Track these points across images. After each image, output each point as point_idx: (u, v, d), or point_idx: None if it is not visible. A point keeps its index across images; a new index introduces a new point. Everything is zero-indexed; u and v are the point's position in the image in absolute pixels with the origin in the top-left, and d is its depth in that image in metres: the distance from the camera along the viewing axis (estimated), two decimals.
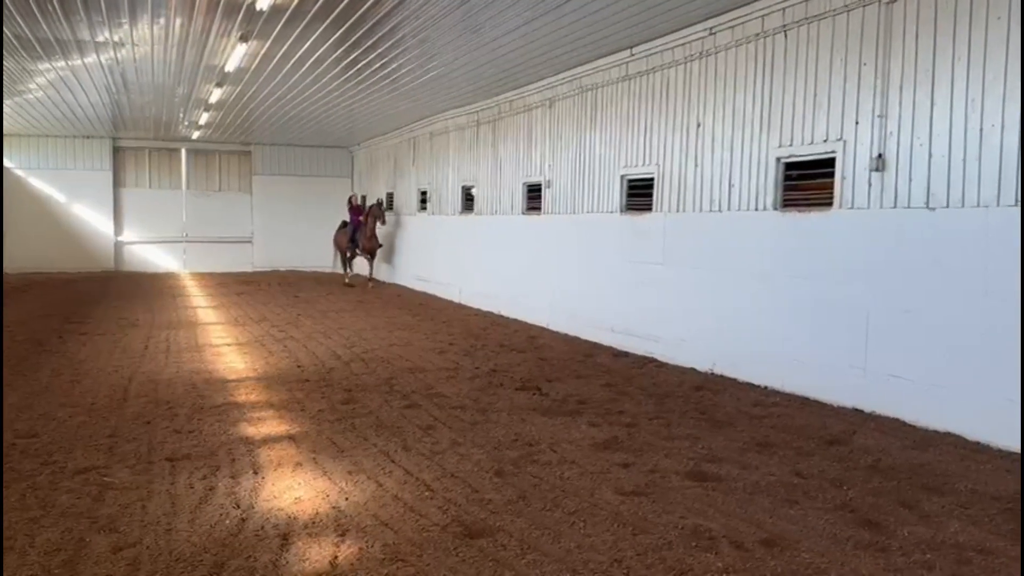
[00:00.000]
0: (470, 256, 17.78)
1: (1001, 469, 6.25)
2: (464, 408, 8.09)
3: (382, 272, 24.02)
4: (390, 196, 23.88)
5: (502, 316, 15.68)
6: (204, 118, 20.35)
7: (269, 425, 7.32)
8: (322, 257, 27.33)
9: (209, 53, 12.72)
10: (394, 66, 13.29)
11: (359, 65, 13.27)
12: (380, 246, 22.08)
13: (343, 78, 14.49)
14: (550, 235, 14.23)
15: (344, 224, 23.19)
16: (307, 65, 13.41)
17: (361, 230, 21.84)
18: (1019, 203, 6.67)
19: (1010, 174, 6.74)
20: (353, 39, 11.45)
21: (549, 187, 14.26)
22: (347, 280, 22.79)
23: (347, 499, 5.40)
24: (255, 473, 5.93)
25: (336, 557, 4.46)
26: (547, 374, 9.95)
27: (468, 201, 18.20)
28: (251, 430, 7.13)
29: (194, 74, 14.55)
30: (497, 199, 16.50)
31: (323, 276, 25.72)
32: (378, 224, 21.59)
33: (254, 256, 27.55)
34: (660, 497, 5.55)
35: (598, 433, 7.22)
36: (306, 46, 12.03)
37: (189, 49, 12.48)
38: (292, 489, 5.58)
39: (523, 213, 15.35)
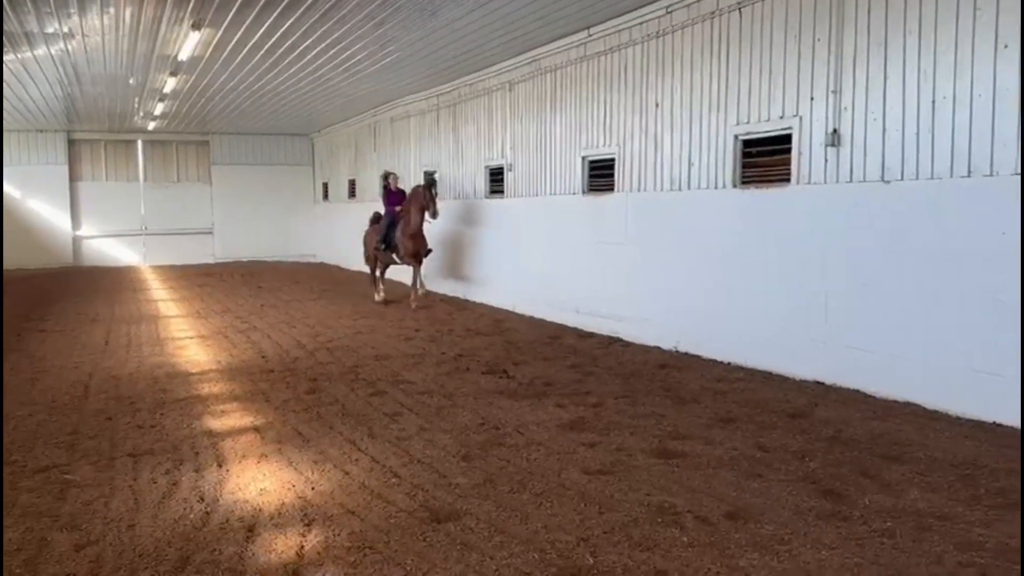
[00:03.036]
0: (432, 242, 17.67)
1: (959, 436, 6.37)
2: (430, 394, 8.08)
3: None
4: (352, 183, 23.68)
5: (468, 301, 15.67)
6: (159, 108, 20.02)
7: (233, 417, 7.27)
8: (284, 247, 27.12)
9: (162, 42, 12.50)
10: (351, 51, 13.16)
11: (315, 51, 13.12)
12: (430, 250, 14.89)
13: (300, 64, 14.31)
14: (513, 218, 14.21)
15: (377, 217, 16.09)
16: (262, 52, 13.23)
17: (400, 225, 14.71)
18: (970, 174, 6.78)
19: (962, 146, 6.84)
20: (308, 24, 11.31)
21: (511, 170, 14.24)
22: (379, 297, 15.70)
23: (313, 489, 5.38)
24: (219, 466, 5.88)
25: (302, 547, 4.45)
26: (513, 357, 9.97)
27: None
28: (215, 423, 7.06)
29: (147, 64, 14.30)
30: (460, 183, 16.45)
31: (285, 266, 25.50)
32: (427, 216, 14.32)
33: (215, 247, 27.23)
34: (626, 475, 5.60)
35: (564, 414, 7.25)
36: (260, 33, 11.86)
37: (141, 38, 12.26)
38: (257, 481, 5.55)
39: (486, 197, 15.31)
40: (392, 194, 15.54)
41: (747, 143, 9.19)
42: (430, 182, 14.87)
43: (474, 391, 8.17)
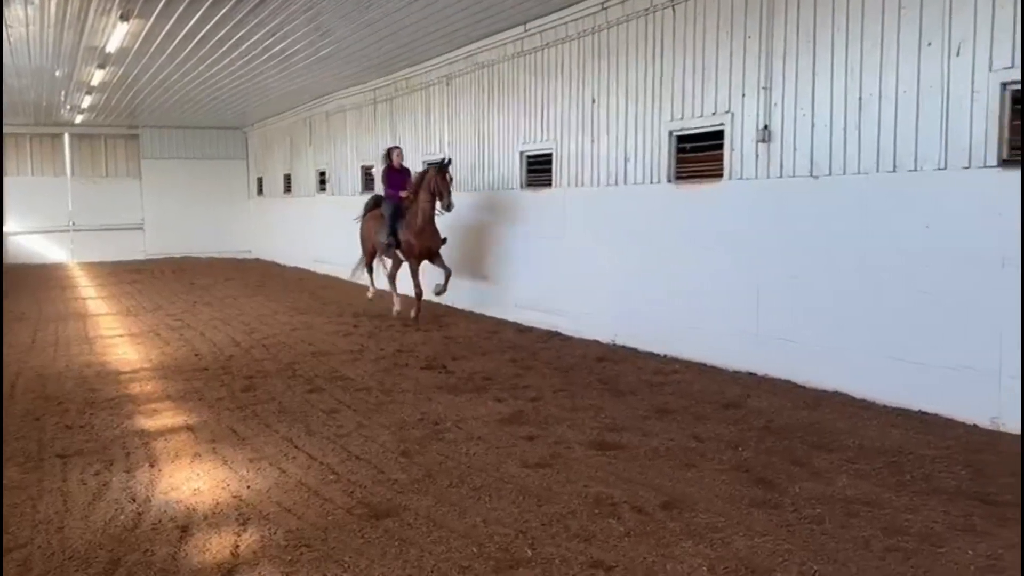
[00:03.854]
0: None
1: (886, 424, 6.56)
2: (369, 390, 8.03)
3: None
4: (287, 178, 23.35)
5: (407, 296, 15.57)
6: (87, 101, 19.47)
7: (165, 416, 7.12)
8: (218, 242, 26.59)
9: (89, 33, 12.16)
10: (285, 43, 12.97)
11: (249, 43, 12.90)
12: (443, 240, 12.21)
13: (233, 56, 14.05)
14: (453, 213, 14.14)
15: (376, 202, 13.19)
16: (194, 43, 12.96)
17: (408, 214, 12.06)
18: (896, 169, 6.99)
19: (887, 142, 7.04)
20: (240, 16, 11.12)
21: (449, 165, 14.16)
22: (371, 294, 13.62)
23: (248, 487, 5.31)
24: (151, 466, 5.77)
25: (237, 546, 4.39)
26: (453, 352, 9.96)
27: (368, 181, 17.96)
28: (147, 422, 6.92)
29: (74, 56, 13.89)
30: None
31: (220, 262, 25.05)
32: (438, 205, 11.78)
33: (146, 243, 26.57)
34: (564, 467, 5.64)
35: (504, 408, 7.28)
36: (192, 24, 11.61)
37: (67, 30, 11.91)
38: (191, 480, 5.46)
39: None
40: (395, 173, 12.29)
41: (681, 139, 9.31)
42: (445, 162, 11.80)
43: (413, 387, 8.15)
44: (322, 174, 20.69)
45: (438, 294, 12.12)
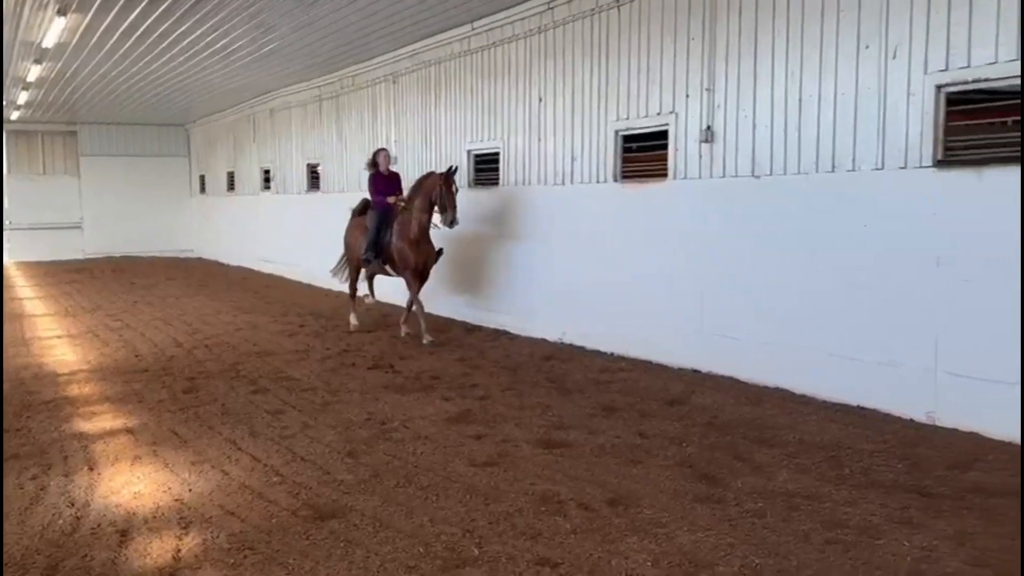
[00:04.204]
0: (318, 236, 17.38)
1: (826, 420, 6.70)
2: (315, 390, 7.96)
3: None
4: (231, 175, 23.01)
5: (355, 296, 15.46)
6: (23, 97, 18.92)
7: (105, 419, 6.97)
8: (160, 241, 26.07)
9: (25, 28, 11.82)
10: (228, 39, 12.76)
11: (190, 39, 12.67)
12: (440, 251, 10.97)
13: (174, 52, 13.77)
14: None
15: (364, 208, 11.59)
16: (133, 39, 12.68)
17: (396, 225, 10.68)
18: (835, 169, 7.13)
19: (827, 142, 7.19)
20: (182, 11, 10.91)
21: (395, 163, 14.10)
22: (356, 313, 11.75)
23: (190, 490, 5.22)
24: (90, 470, 5.64)
25: (179, 550, 4.32)
26: (400, 352, 9.92)
27: (314, 179, 17.79)
28: (85, 425, 6.76)
29: (9, 51, 13.50)
30: (344, 176, 16.21)
31: (161, 262, 24.57)
32: (435, 215, 10.43)
33: (85, 243, 25.90)
34: (511, 466, 5.66)
35: (451, 407, 7.27)
36: (131, 19, 11.37)
37: (3, 24, 11.56)
38: (131, 484, 5.35)
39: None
40: (382, 179, 10.99)
41: (627, 138, 9.39)
42: (452, 172, 10.37)
43: (360, 386, 8.10)
44: (267, 172, 20.41)
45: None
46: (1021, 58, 5.82)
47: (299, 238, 18.42)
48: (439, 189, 10.16)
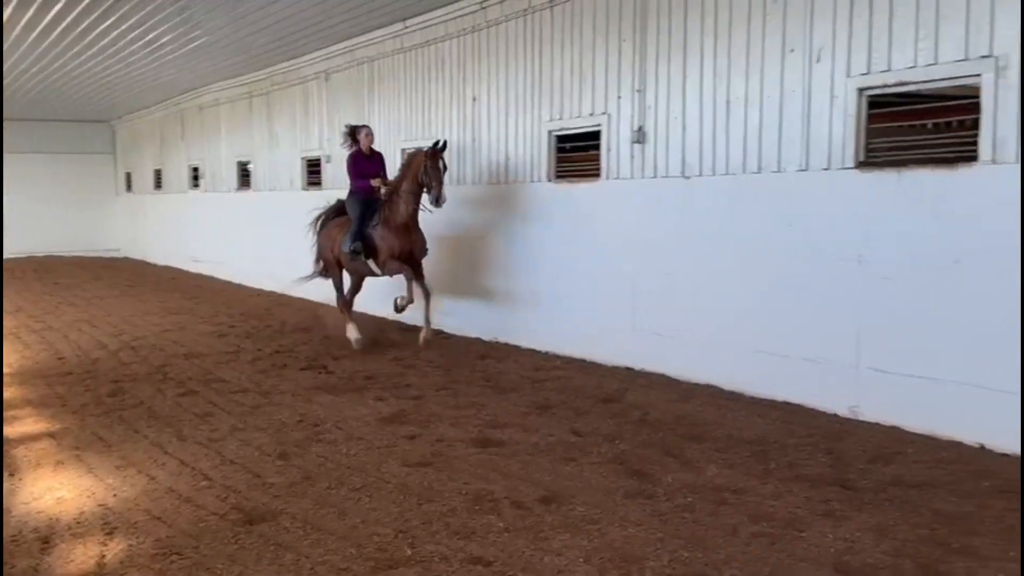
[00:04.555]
0: (249, 235, 17.12)
1: (753, 415, 6.84)
2: (245, 392, 7.83)
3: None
4: (158, 173, 22.47)
5: (286, 295, 15.24)
6: None
7: (26, 424, 6.76)
8: (84, 240, 25.32)
9: None
10: (153, 35, 12.46)
11: (115, 33, 12.33)
12: (425, 250, 9.74)
13: (99, 47, 13.38)
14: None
15: (339, 211, 10.36)
16: (56, 33, 12.29)
17: (384, 211, 9.51)
18: (761, 170, 7.29)
19: (753, 144, 7.33)
20: (105, 5, 10.62)
21: (329, 161, 13.97)
22: (355, 335, 9.98)
23: (115, 495, 5.09)
24: (11, 475, 5.47)
25: (103, 556, 4.21)
26: (333, 352, 9.82)
27: (245, 177, 17.49)
28: (6, 430, 6.52)
29: None
30: (275, 175, 15.98)
31: (86, 261, 23.88)
32: (425, 199, 9.37)
33: (6, 242, 25.00)
34: (446, 466, 5.65)
35: (385, 408, 7.22)
36: (53, 13, 11.02)
37: None
38: (53, 489, 5.20)
39: (304, 188, 14.95)
40: (363, 159, 9.71)
41: (561, 139, 9.45)
42: (439, 147, 9.20)
43: (292, 388, 7.99)
44: (195, 170, 19.99)
45: (400, 310, 9.53)
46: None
47: (229, 237, 18.10)
48: (424, 166, 9.12)
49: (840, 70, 6.66)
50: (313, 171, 14.72)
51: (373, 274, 9.87)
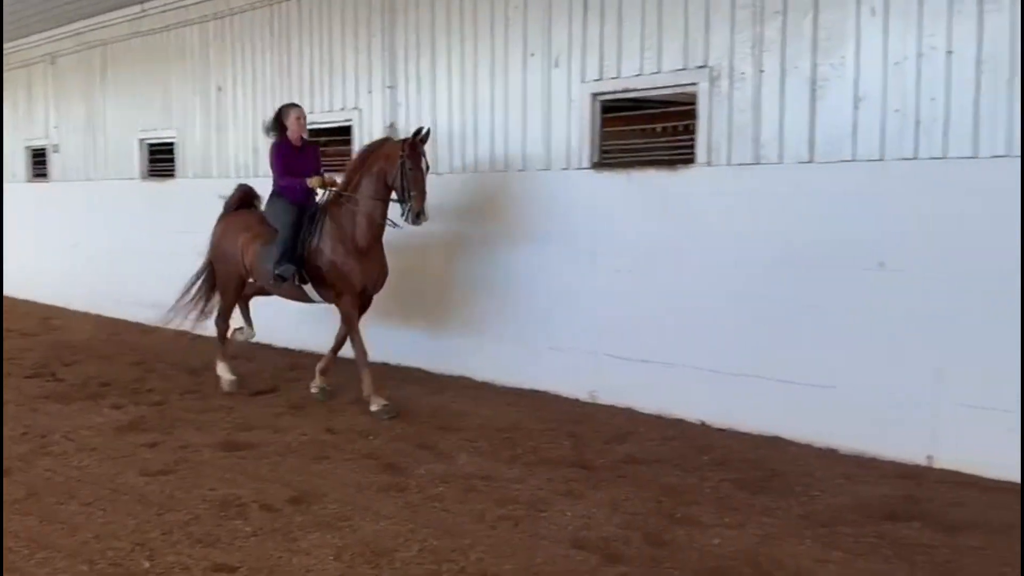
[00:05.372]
0: None
1: (503, 404, 7.11)
2: None
3: None
4: None
5: (9, 298, 13.88)
6: None
7: None
8: None
9: None
10: None
11: None
12: (385, 274, 7.19)
13: None
14: (61, 205, 12.89)
15: (245, 198, 7.94)
16: None
17: (333, 220, 6.93)
18: (507, 168, 7.58)
19: (500, 145, 7.60)
20: None
21: (56, 151, 12.89)
22: (229, 364, 7.78)
23: None
24: None
25: None
26: (64, 358, 9.08)
27: None
28: None
29: None
30: None
31: None
32: (394, 213, 6.80)
33: None
34: (190, 472, 5.42)
35: (122, 415, 6.80)
36: None
37: None
38: None
39: (27, 181, 13.68)
40: (292, 152, 7.22)
41: (315, 132, 9.28)
42: (421, 135, 6.64)
43: (15, 397, 7.32)
44: None
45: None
46: None
47: None
48: (401, 165, 6.56)
49: (576, 75, 7.06)
50: (38, 161, 13.52)
51: (309, 301, 7.39)
